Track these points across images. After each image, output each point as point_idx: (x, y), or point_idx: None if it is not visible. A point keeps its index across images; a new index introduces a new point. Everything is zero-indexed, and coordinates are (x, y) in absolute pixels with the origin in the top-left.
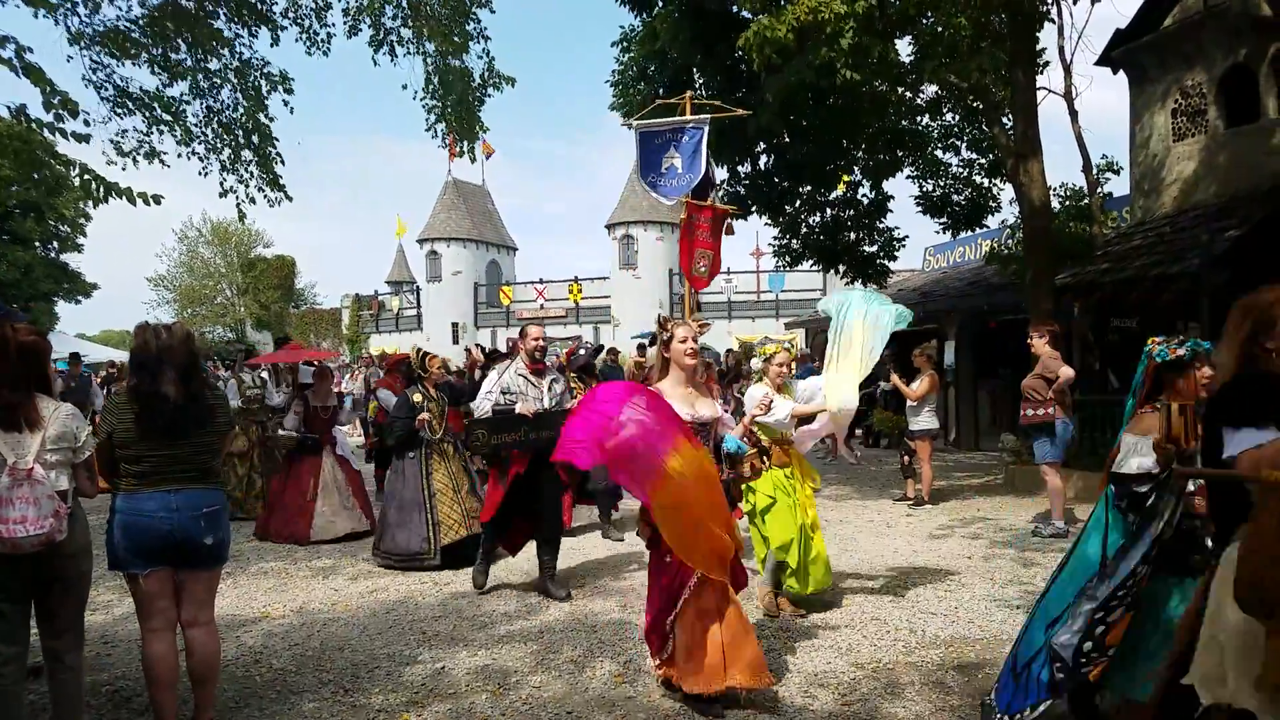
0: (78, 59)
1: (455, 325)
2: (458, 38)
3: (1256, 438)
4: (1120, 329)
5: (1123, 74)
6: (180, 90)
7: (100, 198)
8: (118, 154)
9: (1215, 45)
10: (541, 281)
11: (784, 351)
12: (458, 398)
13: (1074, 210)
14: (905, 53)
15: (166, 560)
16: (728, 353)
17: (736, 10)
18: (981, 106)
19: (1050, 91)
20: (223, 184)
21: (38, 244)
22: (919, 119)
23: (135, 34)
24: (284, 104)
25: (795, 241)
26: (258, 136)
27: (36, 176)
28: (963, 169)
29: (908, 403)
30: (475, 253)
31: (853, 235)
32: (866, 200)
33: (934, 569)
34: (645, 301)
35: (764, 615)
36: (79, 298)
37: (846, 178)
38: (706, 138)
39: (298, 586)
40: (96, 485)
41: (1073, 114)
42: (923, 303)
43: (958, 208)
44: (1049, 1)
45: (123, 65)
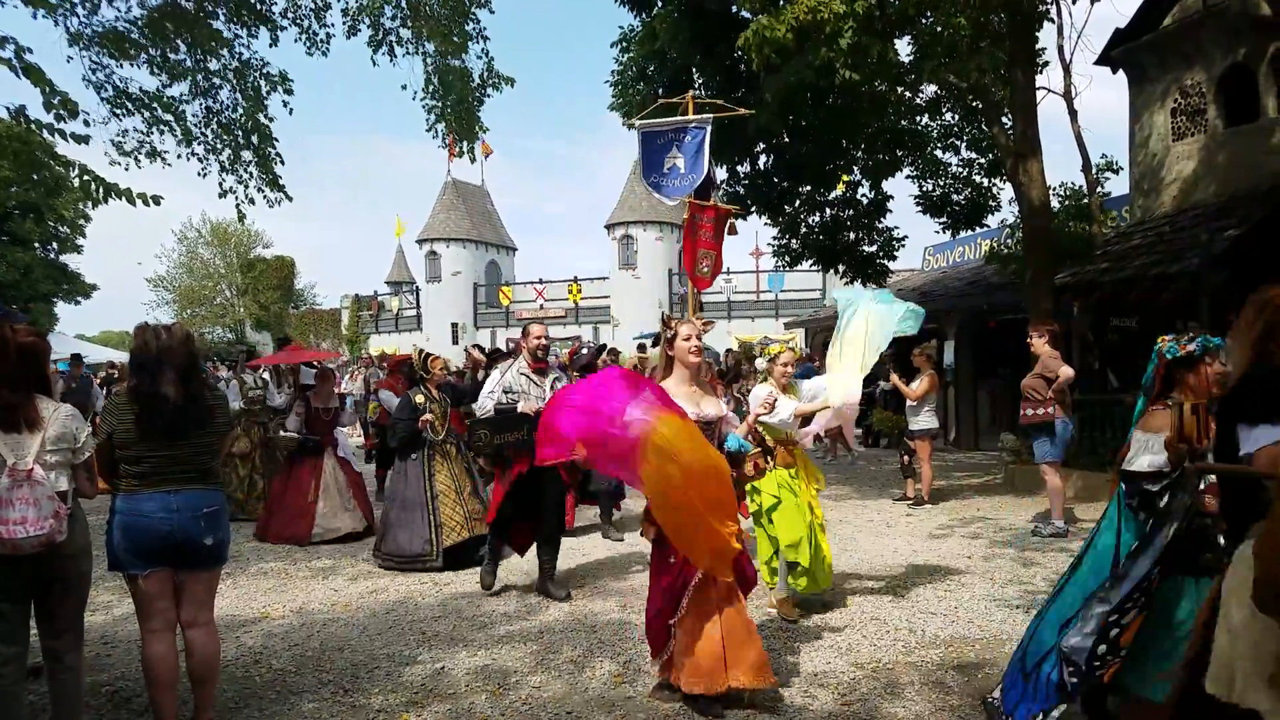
0: (77, 59)
1: (455, 325)
2: (457, 38)
3: (1273, 434)
4: (1120, 328)
5: (1122, 73)
6: (180, 90)
7: (100, 198)
8: (119, 153)
9: (1214, 45)
10: (541, 282)
11: (788, 351)
12: (460, 399)
13: (1073, 210)
14: (904, 53)
15: (166, 561)
16: (727, 352)
17: (736, 10)
18: (981, 106)
19: (1050, 91)
20: (222, 184)
21: (37, 245)
22: (918, 119)
23: (134, 35)
24: (283, 104)
25: (795, 241)
26: (257, 137)
27: (36, 177)
28: (962, 169)
29: (907, 402)
30: (475, 253)
31: (852, 235)
32: (866, 200)
33: (934, 569)
34: (644, 302)
35: (783, 620)
36: (78, 299)
37: (846, 177)
38: (709, 137)
39: (297, 587)
40: (96, 486)
41: (1072, 113)
42: (922, 303)
43: (957, 207)
44: (1048, 1)
45: (122, 66)
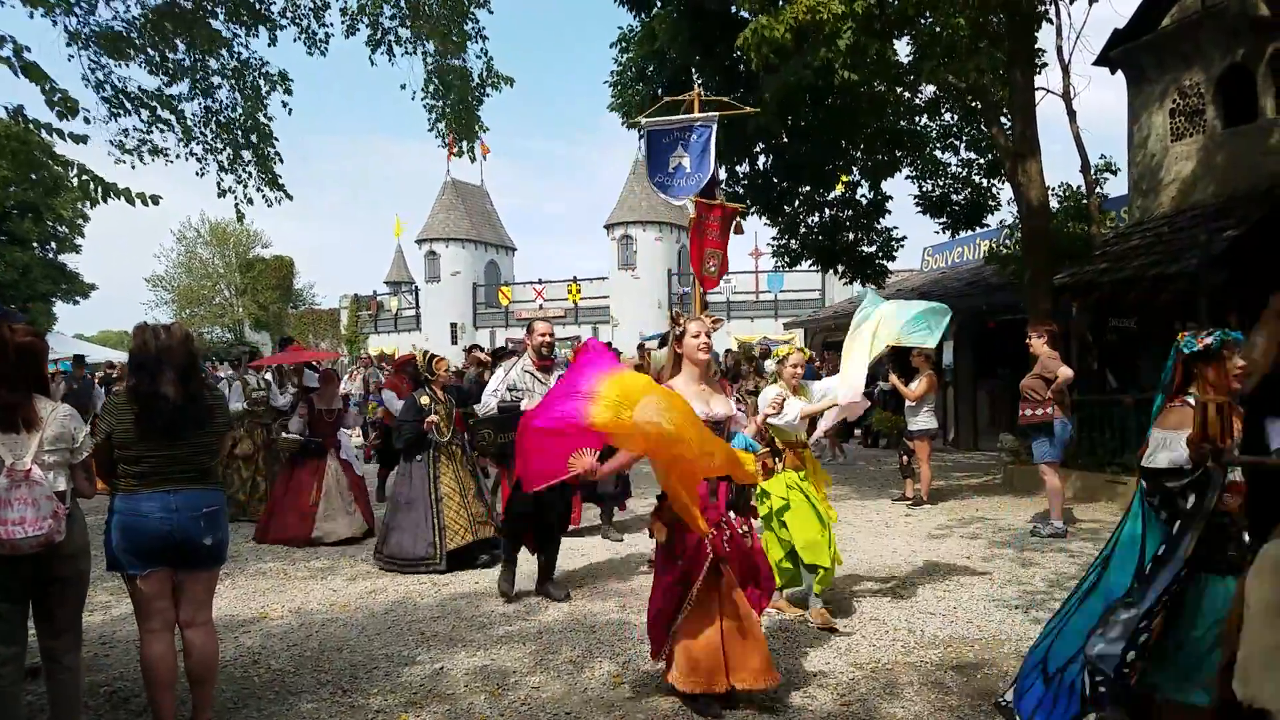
0: (77, 59)
1: (454, 326)
2: (456, 38)
3: None
4: (1118, 329)
5: (1121, 74)
6: (179, 90)
7: (98, 198)
8: (121, 151)
9: (1213, 45)
10: (540, 282)
11: (798, 352)
12: (465, 400)
13: (1072, 210)
14: (903, 53)
15: (165, 561)
16: (727, 353)
17: (735, 10)
18: (980, 106)
19: (1049, 92)
20: (220, 184)
21: (36, 245)
22: (917, 119)
23: (133, 35)
24: (283, 105)
25: (794, 242)
26: (256, 136)
27: (35, 177)
28: (961, 169)
29: (906, 403)
30: (474, 253)
31: (851, 235)
32: (865, 200)
33: (933, 569)
34: (644, 302)
35: (821, 629)
36: (77, 298)
37: (845, 178)
38: (715, 136)
39: (296, 587)
40: (95, 486)
41: (1071, 114)
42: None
43: (957, 207)
44: (1047, 2)
45: (122, 65)
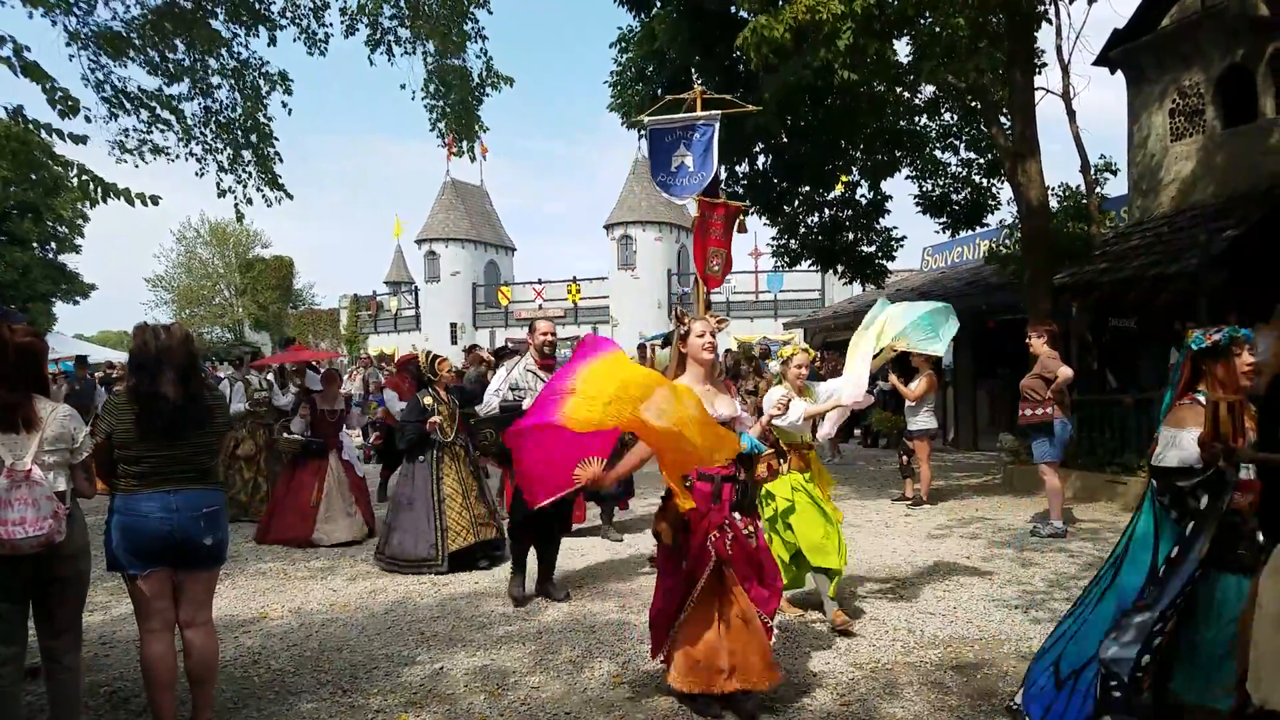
0: (77, 59)
1: (454, 326)
2: (456, 38)
3: None
4: (1118, 329)
5: (1121, 74)
6: (179, 90)
7: (98, 198)
8: (121, 151)
9: (1213, 45)
10: (540, 282)
11: (802, 353)
12: (469, 400)
13: (1072, 210)
14: (903, 53)
15: (165, 561)
16: (726, 352)
17: (735, 10)
18: (980, 106)
19: (1048, 92)
20: (219, 184)
21: (35, 245)
22: (917, 119)
23: (132, 35)
24: (282, 105)
25: (794, 241)
26: (256, 136)
27: (34, 177)
28: (961, 169)
29: (906, 403)
30: (473, 253)
31: (851, 235)
32: (865, 200)
33: (932, 569)
34: (643, 302)
35: (839, 634)
36: (77, 298)
37: (845, 178)
38: (717, 135)
39: (296, 587)
40: (95, 486)
41: (1070, 114)
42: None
43: (957, 207)
44: (1047, 2)
45: (121, 65)
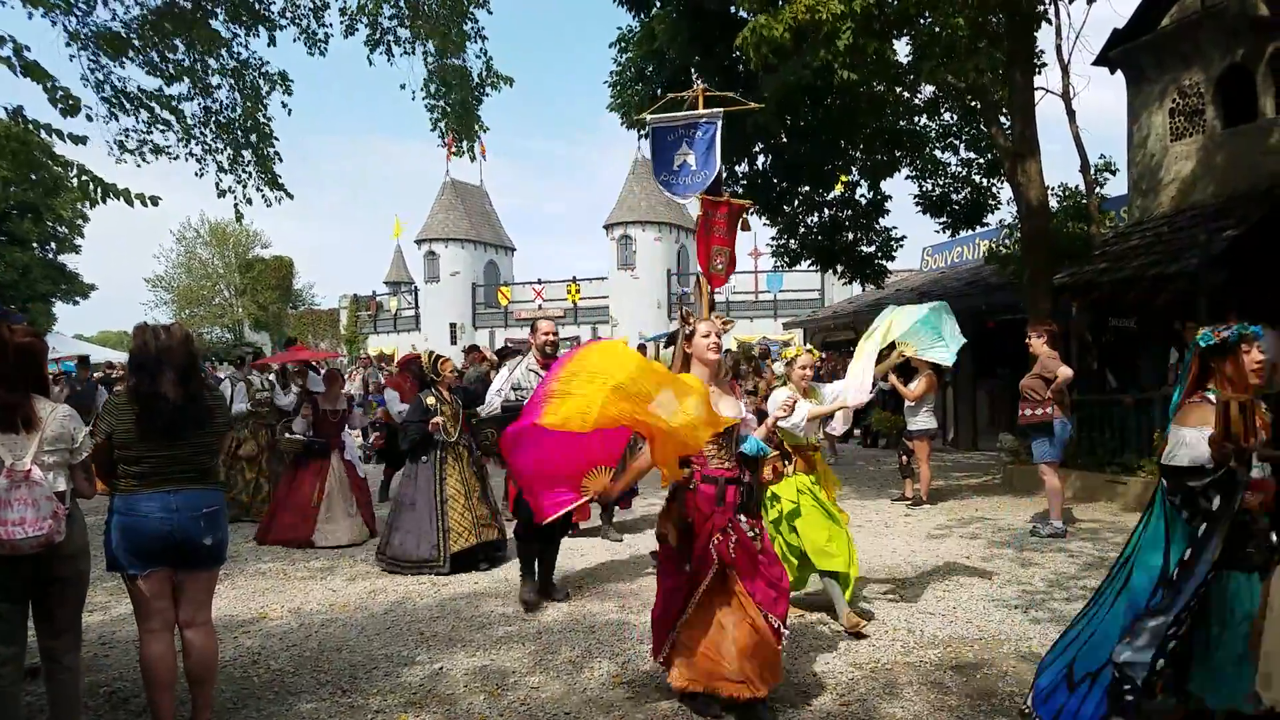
0: (77, 59)
1: (453, 326)
2: (455, 38)
3: None
4: (1118, 329)
5: (1120, 74)
6: (179, 90)
7: (98, 199)
8: (121, 150)
9: (1213, 45)
10: (540, 282)
11: (806, 353)
12: (472, 401)
13: (1072, 210)
14: (903, 53)
15: (165, 561)
16: (726, 353)
17: (735, 10)
18: (979, 106)
19: (1048, 91)
20: (218, 184)
21: (35, 245)
22: (917, 119)
23: (132, 36)
24: (282, 105)
25: (793, 241)
26: (256, 136)
27: (34, 177)
28: (961, 168)
29: (906, 403)
30: (473, 253)
31: (851, 235)
32: (864, 200)
33: (932, 569)
34: (643, 302)
35: (850, 636)
36: (77, 299)
37: (844, 178)
38: (720, 132)
39: (295, 587)
40: (94, 486)
41: (1070, 114)
42: (920, 303)
43: (957, 207)
44: (1046, 1)
45: (121, 65)
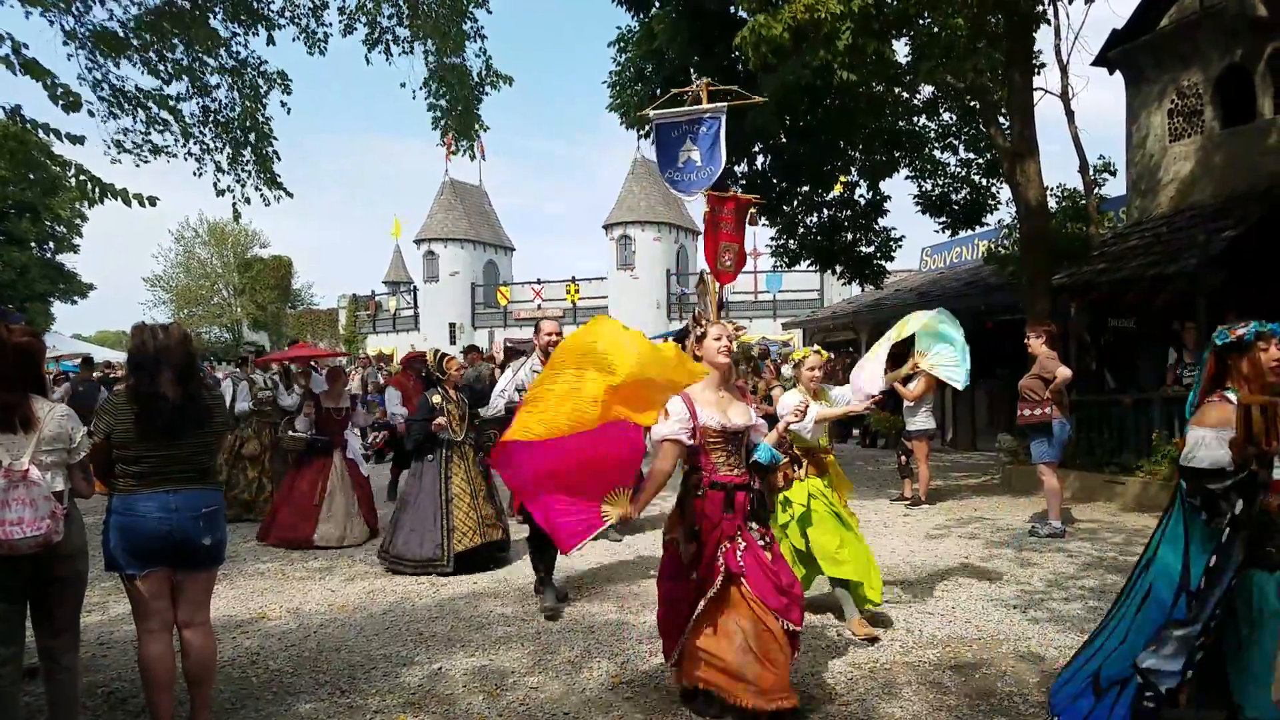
0: (75, 58)
1: (452, 326)
2: (455, 37)
3: None
4: (1117, 329)
5: (1119, 74)
6: (177, 89)
7: (96, 198)
8: (119, 150)
9: (1211, 46)
10: (539, 282)
11: (814, 355)
12: (479, 400)
13: (1071, 210)
14: (902, 53)
15: (164, 561)
16: None
17: (734, 10)
18: (978, 106)
19: (1047, 92)
20: (217, 184)
21: (34, 244)
22: (916, 119)
23: (130, 35)
24: (281, 104)
25: (793, 242)
26: (255, 135)
27: (32, 177)
28: (960, 169)
29: (905, 403)
30: (472, 253)
31: (850, 235)
32: (864, 200)
33: (931, 569)
34: (643, 302)
35: (864, 641)
36: (75, 298)
37: (844, 178)
38: (724, 127)
39: (294, 587)
40: (92, 486)
41: (1069, 114)
42: (920, 303)
43: (956, 207)
44: (1045, 2)
45: (119, 65)
